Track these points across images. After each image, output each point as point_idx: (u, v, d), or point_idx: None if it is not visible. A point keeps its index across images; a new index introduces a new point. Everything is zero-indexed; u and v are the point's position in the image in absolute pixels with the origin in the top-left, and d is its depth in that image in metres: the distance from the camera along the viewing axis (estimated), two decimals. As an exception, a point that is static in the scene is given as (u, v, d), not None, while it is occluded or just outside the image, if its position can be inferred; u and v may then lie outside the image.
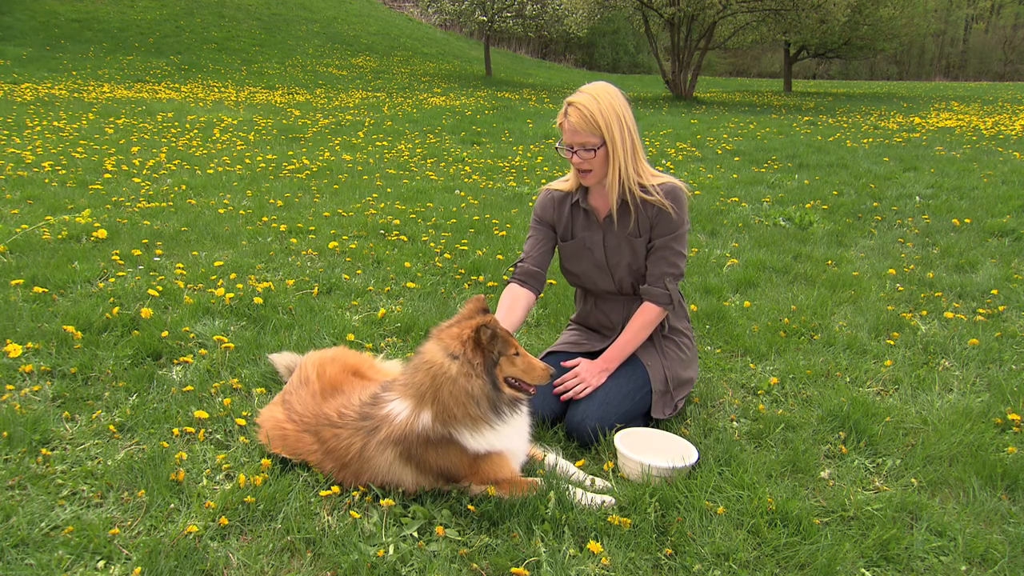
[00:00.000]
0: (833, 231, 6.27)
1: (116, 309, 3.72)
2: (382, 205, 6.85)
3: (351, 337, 3.61)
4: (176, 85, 18.32)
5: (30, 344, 3.32)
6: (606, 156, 2.76)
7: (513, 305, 2.92)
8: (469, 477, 2.37)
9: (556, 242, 3.07)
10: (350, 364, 2.82)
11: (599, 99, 2.71)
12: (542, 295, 3.94)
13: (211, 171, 8.12)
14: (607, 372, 2.88)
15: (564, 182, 3.03)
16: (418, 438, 2.31)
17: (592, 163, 2.77)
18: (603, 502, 2.35)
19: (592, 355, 3.08)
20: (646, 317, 2.89)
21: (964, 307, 4.41)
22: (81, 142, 9.52)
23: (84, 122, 11.40)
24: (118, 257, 4.72)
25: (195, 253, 4.99)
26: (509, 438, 2.38)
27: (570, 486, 2.39)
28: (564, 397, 2.84)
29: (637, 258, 2.93)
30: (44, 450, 2.55)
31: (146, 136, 10.47)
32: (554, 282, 4.43)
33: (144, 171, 7.87)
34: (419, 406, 2.32)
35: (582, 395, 2.81)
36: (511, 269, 3.09)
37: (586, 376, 2.86)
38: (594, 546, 2.12)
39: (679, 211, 2.85)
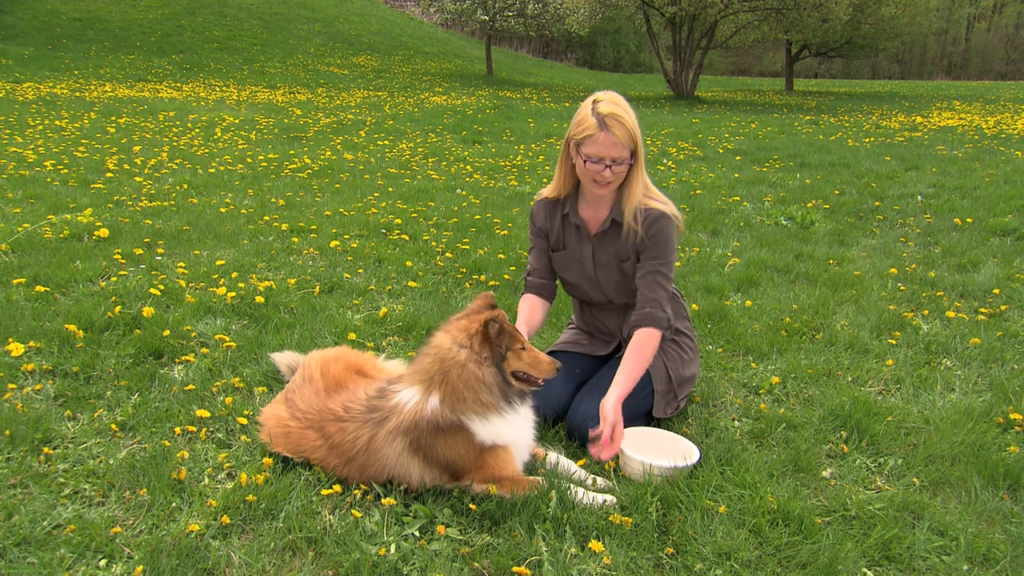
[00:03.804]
0: (835, 230, 6.26)
1: (118, 308, 3.73)
2: (383, 204, 6.85)
3: (353, 336, 3.61)
4: (178, 84, 18.33)
5: (32, 343, 3.33)
6: (630, 170, 2.73)
7: (532, 312, 2.98)
8: (473, 472, 2.38)
9: None
10: (353, 363, 2.84)
11: (628, 111, 2.65)
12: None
13: (213, 170, 8.12)
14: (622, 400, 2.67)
15: (551, 190, 2.98)
16: (428, 424, 2.32)
17: (619, 176, 2.71)
18: (605, 501, 2.35)
19: (593, 359, 3.11)
20: (651, 345, 2.76)
21: (966, 306, 4.41)
22: (83, 141, 9.52)
23: (86, 121, 11.40)
24: (120, 256, 4.73)
25: (197, 252, 4.99)
26: (516, 428, 2.41)
27: (571, 485, 2.40)
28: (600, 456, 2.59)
29: (627, 279, 2.91)
30: (46, 449, 2.55)
31: (148, 135, 10.48)
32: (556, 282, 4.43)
33: (146, 170, 7.87)
34: (428, 390, 2.35)
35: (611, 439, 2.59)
36: (522, 282, 3.12)
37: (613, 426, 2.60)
38: (595, 545, 2.13)
39: (660, 240, 2.78)
